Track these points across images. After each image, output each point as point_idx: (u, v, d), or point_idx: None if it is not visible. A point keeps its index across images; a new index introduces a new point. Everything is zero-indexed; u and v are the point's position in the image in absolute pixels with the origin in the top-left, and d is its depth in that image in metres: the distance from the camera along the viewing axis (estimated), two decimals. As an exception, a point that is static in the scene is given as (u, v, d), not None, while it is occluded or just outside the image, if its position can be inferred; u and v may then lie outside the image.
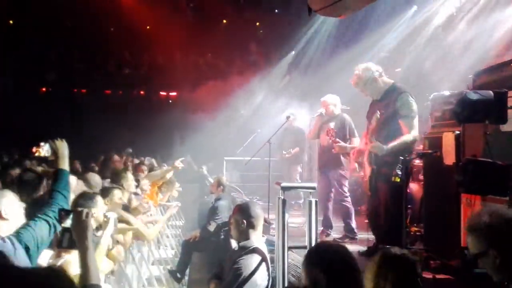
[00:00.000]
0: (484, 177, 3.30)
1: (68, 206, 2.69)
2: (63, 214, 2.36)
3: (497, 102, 3.42)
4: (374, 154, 4.26)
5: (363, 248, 5.19)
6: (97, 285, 2.13)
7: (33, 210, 2.67)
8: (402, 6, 8.53)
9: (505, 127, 3.73)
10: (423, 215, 5.17)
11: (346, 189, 5.85)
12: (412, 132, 4.24)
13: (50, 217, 2.55)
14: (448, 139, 4.45)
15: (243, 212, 3.25)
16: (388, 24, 8.74)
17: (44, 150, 2.81)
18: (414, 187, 6.12)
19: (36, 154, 2.87)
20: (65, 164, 2.77)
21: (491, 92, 3.46)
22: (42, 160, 5.21)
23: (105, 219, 3.33)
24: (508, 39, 5.98)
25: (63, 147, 2.79)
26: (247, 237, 3.20)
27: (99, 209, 3.81)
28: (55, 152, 2.77)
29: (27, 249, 2.41)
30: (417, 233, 5.58)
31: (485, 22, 6.38)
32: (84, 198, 3.42)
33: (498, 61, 4.58)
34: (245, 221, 3.19)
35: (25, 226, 2.50)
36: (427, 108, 5.02)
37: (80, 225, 2.22)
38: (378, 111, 4.35)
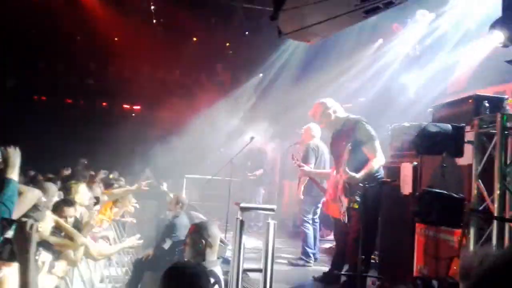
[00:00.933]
0: (439, 208, 3.37)
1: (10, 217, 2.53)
2: (5, 223, 2.21)
3: (455, 136, 3.53)
4: (348, 186, 4.33)
5: (319, 273, 5.19)
6: None
7: None
8: (369, 37, 8.78)
9: (461, 161, 3.85)
10: (378, 243, 5.23)
11: (307, 214, 6.03)
12: (377, 155, 4.40)
13: None
14: (406, 170, 4.56)
15: (201, 231, 3.16)
16: (355, 54, 8.97)
17: None
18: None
19: None
20: (13, 174, 2.62)
21: (449, 126, 3.57)
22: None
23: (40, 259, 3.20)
24: (468, 74, 6.25)
25: (15, 155, 2.65)
26: (203, 258, 3.10)
27: (46, 223, 3.66)
28: (5, 160, 2.63)
29: None
30: (372, 261, 5.65)
31: (447, 58, 6.65)
32: (33, 210, 3.27)
33: (457, 96, 4.76)
34: (203, 241, 3.10)
35: None
36: (387, 138, 5.14)
37: (23, 236, 2.07)
38: (344, 142, 4.48)
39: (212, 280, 3.03)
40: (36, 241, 3.50)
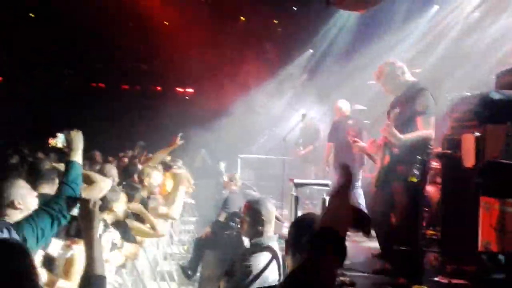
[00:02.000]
0: (505, 180, 3.20)
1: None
2: (70, 202, 2.35)
3: (521, 103, 3.31)
4: (390, 148, 4.14)
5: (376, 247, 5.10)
6: (101, 275, 2.07)
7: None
8: (423, 4, 8.37)
9: (528, 130, 3.61)
10: (440, 218, 5.07)
11: (357, 182, 6.45)
12: (428, 129, 4.10)
13: (53, 209, 2.48)
14: (468, 141, 4.33)
15: (253, 208, 3.19)
16: (409, 23, 8.59)
17: (60, 141, 2.75)
18: (431, 190, 6.01)
19: (52, 145, 2.80)
20: (77, 156, 2.68)
21: (514, 92, 3.36)
22: (57, 151, 5.22)
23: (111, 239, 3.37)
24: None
25: (77, 138, 2.71)
26: (259, 234, 3.14)
27: (120, 204, 3.87)
28: (69, 143, 2.69)
29: (24, 240, 2.34)
30: (434, 237, 5.49)
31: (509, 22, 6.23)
32: (111, 191, 3.53)
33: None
34: (255, 217, 3.14)
35: (26, 218, 2.45)
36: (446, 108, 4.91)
37: (87, 214, 2.17)
38: (397, 107, 4.23)
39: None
40: (111, 220, 3.74)
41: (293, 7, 12.55)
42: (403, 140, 3.94)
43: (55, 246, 2.77)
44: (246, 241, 3.41)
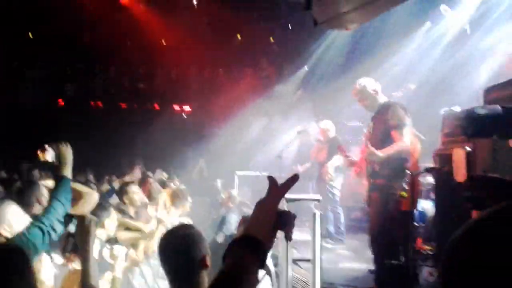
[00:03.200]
0: (493, 194, 3.22)
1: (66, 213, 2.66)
2: (66, 218, 2.38)
3: (506, 117, 3.36)
4: (370, 167, 4.31)
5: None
6: None
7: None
8: (416, 21, 8.50)
9: (515, 143, 3.64)
10: (435, 233, 5.07)
11: (337, 198, 7.11)
12: (403, 140, 4.27)
13: (44, 224, 2.49)
14: (458, 155, 4.37)
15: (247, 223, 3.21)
16: (401, 39, 8.71)
17: (49, 154, 2.73)
18: (426, 205, 6.05)
19: (41, 158, 2.77)
20: (67, 171, 2.69)
21: (499, 107, 3.41)
22: (48, 168, 5.23)
23: (114, 252, 3.38)
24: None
25: (67, 152, 2.69)
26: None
27: (111, 220, 3.89)
28: (58, 157, 2.68)
29: None
30: (430, 252, 5.49)
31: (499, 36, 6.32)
32: (100, 209, 3.63)
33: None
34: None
35: (18, 234, 2.47)
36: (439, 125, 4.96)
37: (83, 230, 2.22)
38: (372, 122, 4.50)
39: None
40: (103, 238, 3.76)
41: (288, 26, 12.72)
42: (382, 156, 4.14)
43: (53, 263, 2.79)
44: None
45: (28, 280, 1.76)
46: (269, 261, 3.28)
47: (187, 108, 15.05)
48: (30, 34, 14.47)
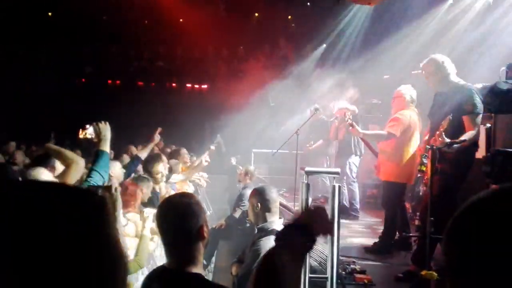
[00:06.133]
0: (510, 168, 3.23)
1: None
2: (94, 189, 2.49)
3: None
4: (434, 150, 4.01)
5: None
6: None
7: None
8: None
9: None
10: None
11: (354, 173, 7.10)
12: (475, 129, 3.90)
13: None
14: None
15: (258, 195, 3.28)
16: (421, 17, 8.55)
17: (88, 132, 2.90)
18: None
19: (81, 136, 2.94)
20: (106, 146, 2.85)
21: (522, 82, 3.37)
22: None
23: (144, 215, 3.51)
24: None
25: (106, 129, 2.87)
26: (264, 220, 3.23)
27: (148, 189, 4.31)
28: (98, 134, 2.85)
29: None
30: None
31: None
32: (140, 179, 4.19)
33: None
34: (259, 204, 3.22)
35: None
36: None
37: (110, 198, 2.34)
38: (445, 108, 4.04)
39: None
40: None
41: (307, 3, 12.58)
42: (455, 147, 3.81)
43: None
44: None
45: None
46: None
47: (204, 86, 15.12)
48: (49, 14, 14.62)
